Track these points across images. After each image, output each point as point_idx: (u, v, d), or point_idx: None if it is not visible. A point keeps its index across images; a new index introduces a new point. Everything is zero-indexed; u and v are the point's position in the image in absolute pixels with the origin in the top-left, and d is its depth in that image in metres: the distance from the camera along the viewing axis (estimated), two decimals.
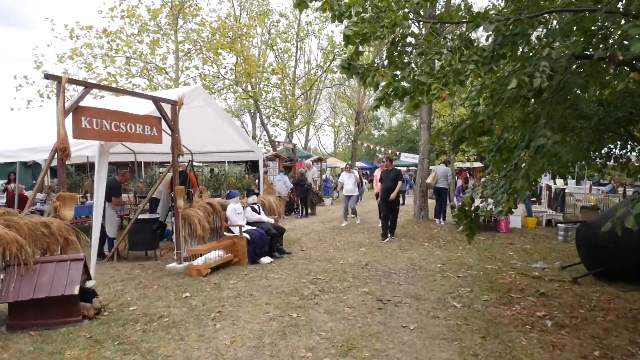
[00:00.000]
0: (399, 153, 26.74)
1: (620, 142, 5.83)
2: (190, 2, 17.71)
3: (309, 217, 14.50)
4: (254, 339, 4.12)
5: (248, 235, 7.37)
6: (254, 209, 8.26)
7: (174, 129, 6.85)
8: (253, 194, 8.59)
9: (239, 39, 18.77)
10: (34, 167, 13.96)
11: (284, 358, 3.75)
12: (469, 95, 4.73)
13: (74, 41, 16.96)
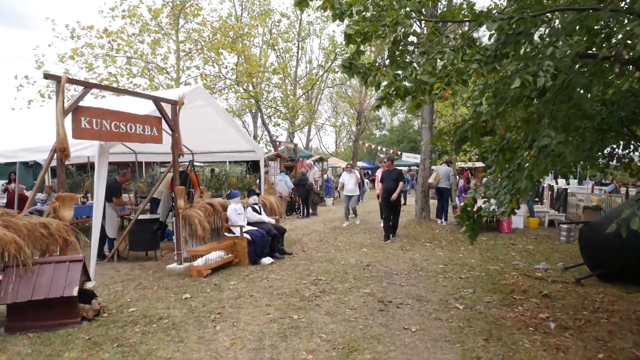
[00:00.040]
0: (400, 153, 26.71)
1: (623, 142, 5.78)
2: (191, 2, 17.67)
3: (310, 217, 14.46)
4: (254, 341, 4.08)
5: (249, 236, 7.33)
6: (254, 209, 8.23)
7: (174, 129, 6.82)
8: (254, 194, 8.55)
9: (240, 39, 18.73)
10: (34, 167, 13.94)
11: None
12: (472, 95, 4.68)
13: (75, 41, 16.96)
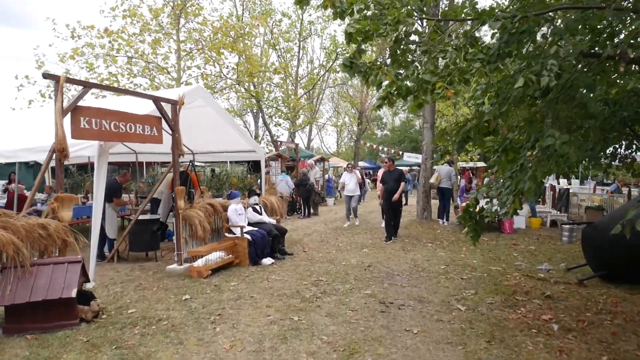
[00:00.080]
0: (402, 153, 26.66)
1: (625, 142, 5.74)
2: (192, 1, 17.63)
3: (311, 217, 14.42)
4: (254, 343, 4.04)
5: (249, 236, 7.29)
6: (255, 210, 8.19)
7: (174, 129, 6.78)
8: (254, 194, 8.51)
9: (241, 39, 18.70)
10: (35, 167, 13.91)
11: None
12: (474, 95, 4.63)
13: (75, 41, 16.93)
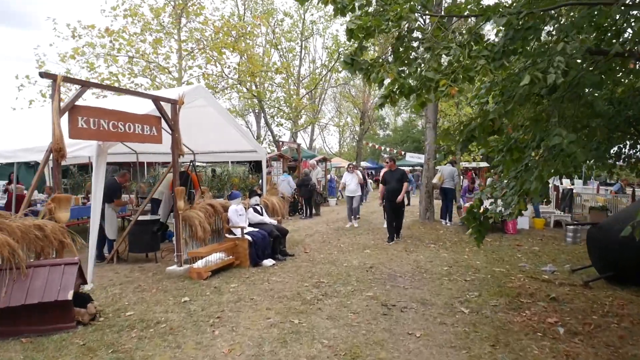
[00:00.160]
0: (404, 153, 26.56)
1: (630, 142, 5.66)
2: (193, 1, 17.56)
3: (313, 217, 14.34)
4: (253, 347, 3.95)
5: (250, 237, 7.21)
6: (256, 210, 8.11)
7: (174, 129, 6.71)
8: (255, 194, 8.43)
9: (242, 38, 18.62)
10: (36, 167, 13.87)
11: None
12: (478, 93, 4.54)
13: (76, 40, 16.86)
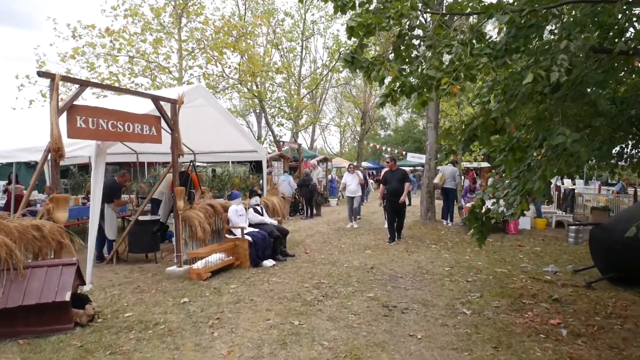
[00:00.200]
0: (405, 153, 26.51)
1: (632, 142, 5.61)
2: (194, 0, 17.52)
3: (314, 218, 14.29)
4: (253, 349, 3.91)
5: (250, 238, 7.17)
6: (256, 211, 8.06)
7: (173, 129, 6.66)
8: (256, 194, 8.39)
9: (243, 38, 18.58)
10: (36, 167, 13.82)
11: None
12: (480, 92, 4.49)
13: (76, 40, 16.83)
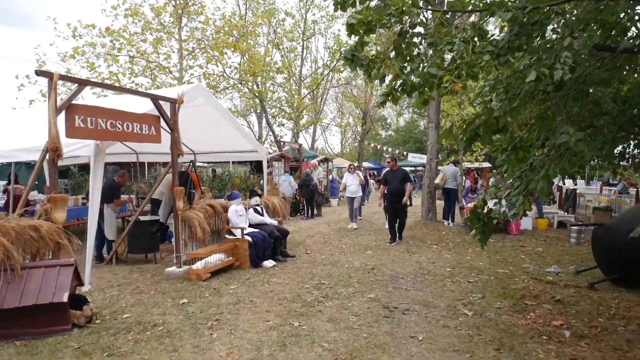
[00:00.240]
0: (406, 153, 26.45)
1: (634, 142, 5.56)
2: (194, 0, 17.49)
3: (314, 218, 14.24)
4: (252, 351, 3.86)
5: (250, 238, 7.13)
6: (256, 211, 8.02)
7: (173, 128, 6.62)
8: (256, 195, 8.35)
9: (243, 37, 18.54)
10: None
11: None
12: (482, 91, 4.45)
13: (77, 40, 16.80)
